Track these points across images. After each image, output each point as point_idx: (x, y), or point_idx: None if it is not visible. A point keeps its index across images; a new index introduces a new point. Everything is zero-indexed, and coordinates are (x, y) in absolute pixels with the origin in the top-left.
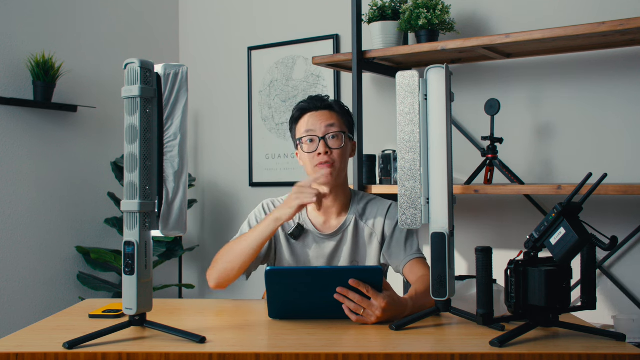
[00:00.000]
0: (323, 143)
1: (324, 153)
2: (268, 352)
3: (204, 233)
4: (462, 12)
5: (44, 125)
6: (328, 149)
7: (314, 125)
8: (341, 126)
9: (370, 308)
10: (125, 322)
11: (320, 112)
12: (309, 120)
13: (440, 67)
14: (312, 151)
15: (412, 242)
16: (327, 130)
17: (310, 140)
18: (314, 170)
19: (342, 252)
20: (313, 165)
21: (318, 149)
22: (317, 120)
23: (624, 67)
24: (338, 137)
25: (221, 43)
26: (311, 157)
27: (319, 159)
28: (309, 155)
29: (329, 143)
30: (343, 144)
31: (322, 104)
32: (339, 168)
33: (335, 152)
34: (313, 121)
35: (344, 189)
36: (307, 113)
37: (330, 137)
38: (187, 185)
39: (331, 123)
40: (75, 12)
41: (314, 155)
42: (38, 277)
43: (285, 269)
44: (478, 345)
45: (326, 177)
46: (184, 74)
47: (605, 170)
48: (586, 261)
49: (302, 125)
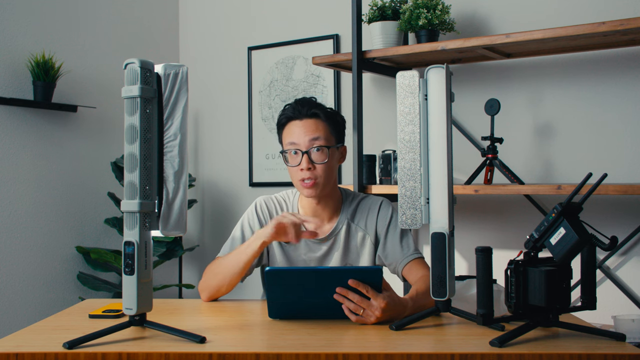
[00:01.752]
0: (306, 158)
1: (306, 169)
2: (268, 352)
3: (204, 233)
4: (462, 12)
5: (44, 125)
6: (311, 164)
7: (298, 138)
8: (327, 137)
9: (370, 308)
10: (125, 322)
11: (305, 122)
12: (294, 131)
13: (441, 67)
14: (296, 165)
15: (407, 241)
16: (311, 143)
17: (294, 152)
18: (297, 185)
19: (334, 256)
20: (297, 179)
21: (301, 163)
22: (301, 132)
23: (624, 67)
24: (322, 151)
25: (221, 43)
26: (295, 171)
27: (302, 175)
28: (293, 168)
29: (313, 157)
30: (327, 159)
31: (308, 110)
32: (322, 183)
33: (319, 166)
34: (297, 133)
35: (333, 195)
36: (292, 121)
37: (315, 151)
38: (187, 185)
39: (315, 136)
40: (75, 12)
41: (297, 169)
42: (38, 277)
43: (285, 269)
44: (478, 345)
45: (309, 194)
46: (184, 74)
47: (605, 170)
48: (586, 261)
49: (287, 135)
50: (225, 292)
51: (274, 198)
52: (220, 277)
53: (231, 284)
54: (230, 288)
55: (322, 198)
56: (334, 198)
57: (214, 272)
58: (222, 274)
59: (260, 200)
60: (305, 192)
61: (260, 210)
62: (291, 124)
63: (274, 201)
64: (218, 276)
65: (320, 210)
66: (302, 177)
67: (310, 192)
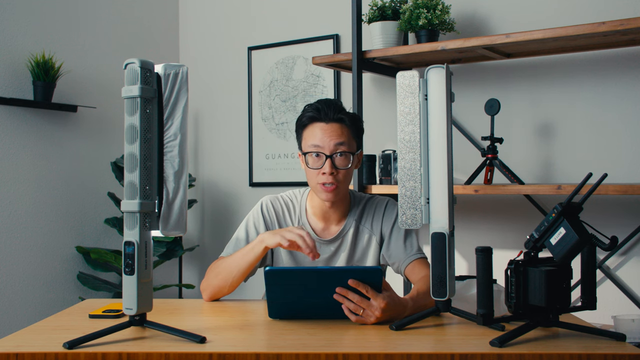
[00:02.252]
0: (330, 162)
1: (329, 173)
2: (268, 352)
3: (204, 233)
4: (462, 12)
5: (44, 125)
6: (334, 169)
7: (323, 142)
8: (350, 143)
9: (370, 308)
10: (125, 322)
11: (331, 126)
12: (318, 134)
13: (441, 67)
14: (318, 168)
15: (411, 241)
16: (335, 148)
17: (317, 155)
18: (315, 187)
19: (340, 257)
20: (316, 182)
21: (324, 167)
22: (326, 136)
23: (624, 67)
24: (346, 157)
25: (221, 43)
26: (315, 173)
27: (324, 179)
28: (313, 170)
29: (336, 162)
30: (350, 165)
31: (334, 115)
32: (342, 187)
33: (342, 171)
34: (322, 136)
35: (345, 198)
36: (317, 122)
37: (338, 156)
38: (187, 185)
39: (341, 142)
40: (75, 12)
41: (319, 172)
42: (38, 277)
43: (284, 270)
44: (478, 345)
45: (328, 199)
46: (184, 74)
47: (605, 170)
48: (586, 261)
49: (309, 136)
50: (227, 293)
51: (280, 198)
52: (222, 278)
53: (233, 285)
54: (232, 289)
55: (337, 201)
56: (344, 201)
57: (216, 272)
58: (224, 275)
59: (266, 200)
60: (324, 196)
61: (267, 210)
62: (315, 126)
63: (280, 201)
64: (220, 276)
65: (331, 212)
66: (323, 181)
67: (329, 196)
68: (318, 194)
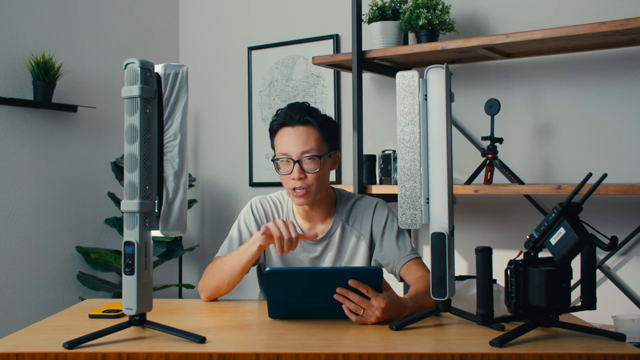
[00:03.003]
0: (298, 167)
1: (297, 179)
2: (268, 352)
3: (204, 233)
4: (462, 12)
5: (44, 125)
6: (303, 173)
7: (289, 149)
8: (319, 146)
9: (370, 308)
10: (125, 322)
11: (297, 130)
12: (286, 140)
13: (440, 67)
14: (287, 173)
15: (404, 241)
16: (302, 154)
17: (286, 161)
18: (289, 192)
19: (327, 257)
20: (288, 187)
21: (292, 172)
22: (293, 141)
23: (624, 67)
24: (314, 160)
25: (221, 43)
26: (286, 179)
27: (293, 184)
28: (284, 176)
29: (305, 166)
30: (319, 168)
31: (300, 117)
32: (314, 191)
33: (310, 175)
34: (289, 142)
35: (326, 199)
36: (284, 127)
37: (306, 159)
38: (187, 185)
39: (307, 149)
40: (75, 12)
41: (289, 177)
42: (38, 277)
43: (285, 270)
44: (478, 345)
45: (300, 203)
46: (184, 74)
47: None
48: (586, 261)
49: (278, 143)
50: (224, 293)
51: (269, 198)
52: (219, 278)
53: (230, 285)
54: (230, 288)
55: (314, 203)
56: (327, 201)
57: (213, 272)
58: (221, 275)
59: (255, 200)
60: (297, 201)
61: (256, 210)
62: (283, 131)
63: (269, 201)
64: (217, 276)
65: (313, 214)
66: (293, 186)
67: (301, 200)
68: (292, 199)
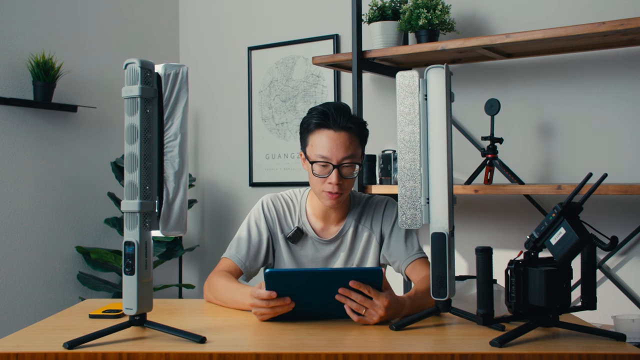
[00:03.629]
0: (336, 172)
1: (335, 183)
2: (268, 352)
3: (204, 233)
4: (462, 12)
5: (44, 125)
6: (341, 179)
7: (331, 153)
8: (357, 153)
9: (373, 307)
10: (125, 322)
11: (339, 136)
12: (326, 143)
13: (440, 67)
14: (324, 176)
15: (412, 241)
16: (343, 160)
17: (324, 165)
18: (320, 194)
19: (339, 257)
20: (320, 190)
21: (330, 177)
22: (334, 146)
23: (624, 67)
24: (352, 167)
25: (221, 43)
26: (321, 181)
27: (330, 188)
28: (318, 178)
29: (343, 172)
30: (356, 173)
31: (345, 123)
32: (345, 194)
33: (347, 180)
34: (330, 147)
35: (346, 200)
36: (324, 129)
37: (345, 166)
38: (187, 185)
39: (349, 154)
40: (75, 12)
41: (324, 180)
42: (38, 277)
43: (284, 271)
44: (478, 345)
45: (332, 205)
46: (184, 74)
47: (605, 170)
48: (586, 261)
49: (317, 145)
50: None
51: (281, 197)
52: (221, 301)
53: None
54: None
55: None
56: (346, 202)
57: (215, 293)
58: (221, 301)
59: (266, 198)
60: (329, 203)
61: (267, 209)
62: (322, 133)
63: (280, 200)
64: (219, 299)
65: (331, 213)
66: (329, 189)
67: (333, 203)
68: (322, 200)
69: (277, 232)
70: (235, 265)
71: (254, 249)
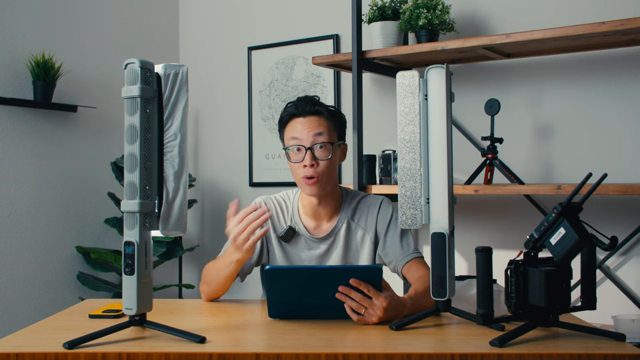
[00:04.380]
0: (310, 154)
1: (309, 165)
2: (268, 352)
3: (204, 233)
4: (462, 12)
5: (44, 125)
6: (315, 160)
7: (301, 134)
8: (330, 134)
9: (372, 308)
10: (125, 322)
11: (309, 119)
12: (297, 127)
13: (441, 67)
14: (299, 161)
15: (407, 240)
16: (314, 140)
17: (297, 149)
18: (300, 182)
19: (333, 255)
20: (299, 177)
21: (304, 160)
22: (304, 128)
23: (624, 67)
24: (325, 148)
25: (221, 43)
26: (297, 167)
27: (305, 172)
28: (295, 165)
29: (316, 153)
30: (331, 155)
31: (311, 108)
32: (325, 180)
33: (322, 163)
34: (301, 129)
35: (334, 194)
36: (295, 118)
37: (318, 147)
38: (187, 185)
39: (319, 132)
40: (75, 12)
41: (300, 165)
42: (38, 277)
43: (284, 268)
44: (478, 345)
45: (311, 192)
46: (184, 74)
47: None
48: (586, 261)
49: (289, 132)
50: (222, 294)
51: (274, 198)
52: (213, 285)
53: (224, 289)
54: (225, 290)
55: (323, 197)
56: (334, 197)
57: (206, 278)
58: (212, 283)
59: (259, 200)
60: (308, 190)
61: None
62: (294, 121)
63: (273, 201)
64: (211, 284)
65: (321, 209)
66: (304, 174)
67: (312, 189)
68: (302, 188)
69: (269, 233)
70: None
71: None
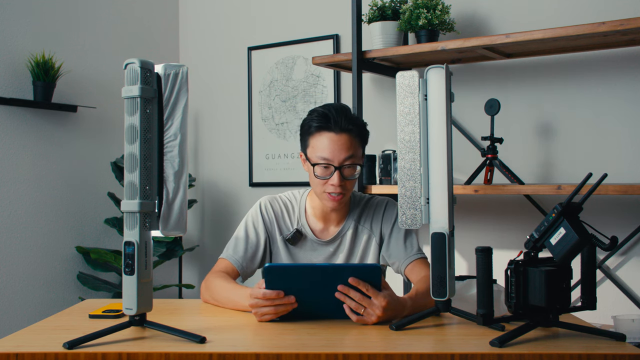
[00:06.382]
0: (338, 174)
1: (337, 185)
2: (268, 352)
3: (204, 233)
4: (462, 12)
5: (44, 125)
6: (342, 180)
7: (332, 155)
8: (358, 154)
9: (371, 307)
10: (125, 322)
11: (340, 138)
12: (328, 145)
13: (440, 67)
14: (325, 177)
15: (411, 241)
16: (344, 160)
17: (325, 167)
18: (321, 195)
19: (339, 257)
20: (322, 192)
21: (332, 179)
22: (336, 148)
23: (624, 67)
24: (354, 168)
25: (221, 43)
26: (322, 183)
27: (331, 189)
28: (319, 180)
29: (344, 173)
30: (357, 174)
31: (346, 125)
32: (347, 195)
33: (348, 181)
34: (332, 149)
35: (347, 202)
36: (325, 132)
37: (346, 167)
38: (187, 185)
39: (350, 154)
40: (75, 12)
41: (326, 182)
42: (38, 277)
43: (283, 266)
44: (478, 345)
45: (334, 207)
46: (184, 74)
47: (605, 170)
48: (586, 261)
49: (318, 147)
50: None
51: (279, 199)
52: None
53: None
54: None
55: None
56: (347, 203)
57: (212, 293)
58: (219, 302)
59: (264, 200)
60: (331, 205)
61: (265, 211)
62: (323, 135)
63: (279, 202)
64: (218, 302)
65: (332, 214)
66: (330, 190)
67: (335, 205)
68: (323, 201)
69: (275, 234)
70: (232, 266)
71: (252, 250)
